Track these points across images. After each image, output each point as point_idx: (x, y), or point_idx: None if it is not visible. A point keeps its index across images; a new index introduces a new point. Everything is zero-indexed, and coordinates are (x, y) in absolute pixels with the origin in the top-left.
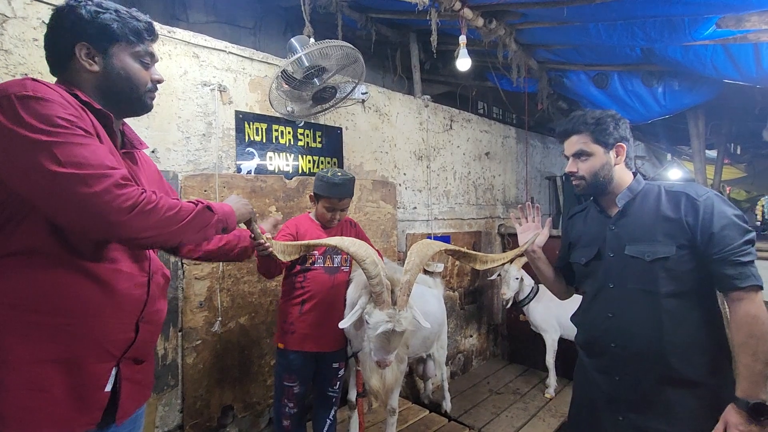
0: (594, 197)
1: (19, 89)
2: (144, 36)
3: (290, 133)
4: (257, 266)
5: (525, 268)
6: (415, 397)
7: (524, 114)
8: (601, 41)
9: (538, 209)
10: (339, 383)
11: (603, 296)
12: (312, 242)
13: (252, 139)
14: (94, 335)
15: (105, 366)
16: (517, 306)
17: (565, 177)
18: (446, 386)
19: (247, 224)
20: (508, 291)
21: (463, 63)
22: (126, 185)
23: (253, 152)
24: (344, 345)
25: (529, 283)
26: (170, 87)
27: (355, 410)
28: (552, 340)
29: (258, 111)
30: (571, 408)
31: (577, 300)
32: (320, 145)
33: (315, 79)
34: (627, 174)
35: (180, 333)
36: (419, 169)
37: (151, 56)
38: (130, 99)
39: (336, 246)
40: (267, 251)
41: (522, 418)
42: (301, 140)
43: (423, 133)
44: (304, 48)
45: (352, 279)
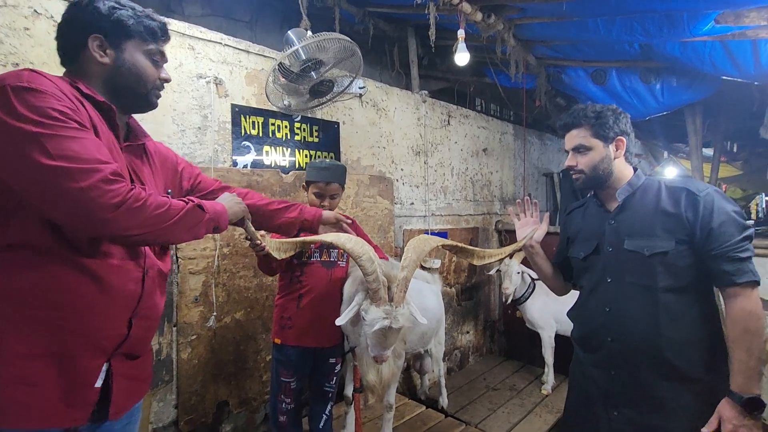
0: (594, 191)
1: (15, 80)
2: (158, 35)
3: (287, 128)
4: (258, 264)
5: (522, 264)
6: (412, 393)
7: (522, 110)
8: (600, 37)
9: (536, 205)
10: (336, 378)
11: (600, 291)
12: (308, 239)
13: (248, 133)
14: (85, 330)
15: (95, 362)
16: (515, 303)
17: (563, 174)
18: (443, 382)
19: (240, 223)
20: (510, 285)
21: (462, 57)
22: (115, 181)
23: (250, 146)
24: (341, 340)
25: (527, 280)
26: None
27: (352, 406)
28: (549, 337)
29: (254, 104)
30: (567, 403)
31: (573, 296)
32: (317, 140)
33: (312, 73)
34: (627, 168)
35: (175, 328)
36: (417, 165)
37: (162, 55)
38: (137, 94)
39: (332, 243)
40: (264, 251)
41: (518, 414)
42: (298, 134)
43: (420, 129)
44: (301, 40)
45: (349, 275)
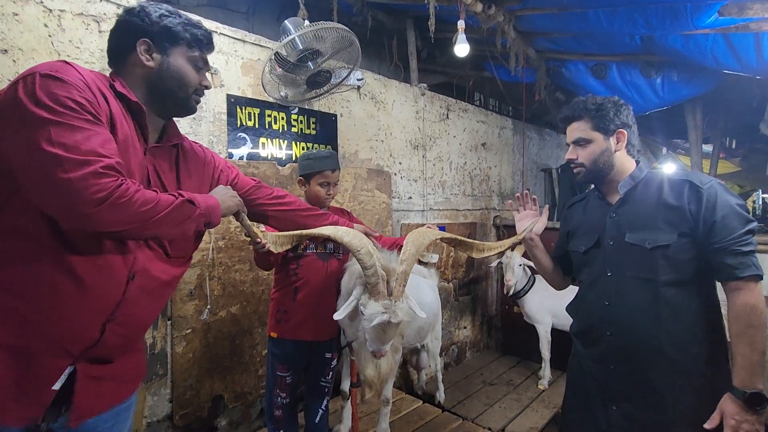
0: (595, 185)
1: (46, 69)
2: (203, 44)
3: (284, 119)
4: (255, 259)
5: (523, 258)
6: (409, 388)
7: (521, 105)
8: (602, 29)
9: (535, 200)
10: (332, 373)
11: (600, 284)
12: (305, 232)
13: (244, 125)
14: (52, 328)
15: (56, 362)
16: (514, 296)
17: (561, 169)
18: (440, 377)
19: (236, 217)
20: (513, 277)
21: (462, 49)
22: (104, 175)
23: (246, 138)
24: (338, 334)
25: (528, 273)
26: None
27: (348, 400)
28: (545, 332)
29: (250, 95)
30: (565, 398)
31: (572, 291)
32: (314, 132)
33: (309, 63)
34: (629, 161)
35: (169, 322)
36: (415, 159)
37: (205, 63)
38: (178, 98)
39: (329, 236)
40: (264, 248)
41: (515, 409)
42: (295, 126)
43: (419, 122)
44: (298, 29)
45: (346, 268)
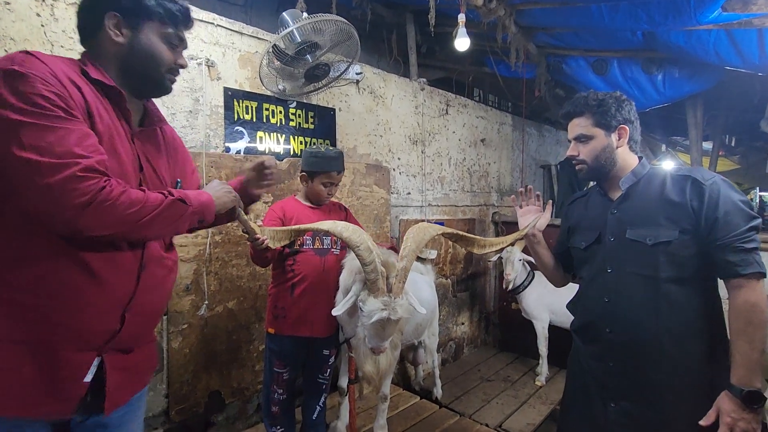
0: (597, 181)
1: (7, 63)
2: (178, 20)
3: (281, 113)
4: (251, 257)
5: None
6: (406, 384)
7: (521, 101)
8: (604, 24)
9: (539, 196)
10: (329, 370)
11: (600, 281)
12: (303, 227)
13: (242, 118)
14: (72, 322)
15: (82, 356)
16: (513, 292)
17: (560, 166)
18: (437, 373)
19: (231, 213)
20: (513, 272)
21: (462, 43)
22: (84, 178)
23: (243, 132)
24: (336, 330)
25: (527, 269)
26: None
27: (346, 396)
28: (543, 328)
29: (248, 88)
30: (565, 395)
31: (571, 288)
32: (312, 126)
33: (307, 56)
34: (631, 157)
35: (165, 317)
36: (414, 154)
37: (181, 41)
38: (151, 78)
39: (328, 231)
40: (263, 245)
41: (512, 405)
42: (293, 120)
43: (418, 117)
44: (296, 21)
45: (344, 264)
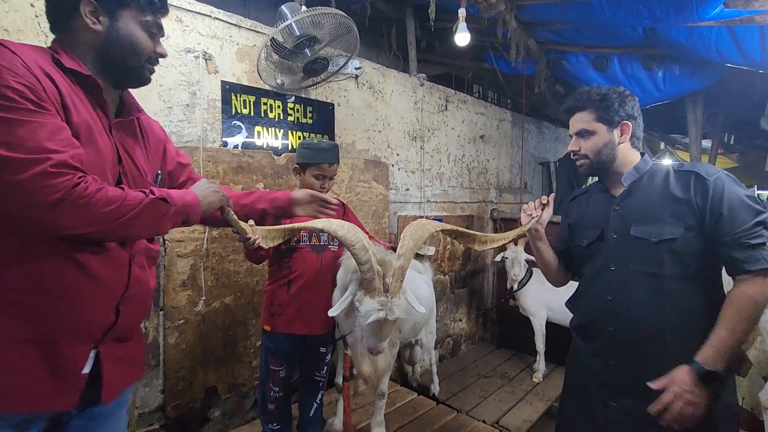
0: (599, 177)
1: None
2: (156, 6)
3: (280, 108)
4: (245, 253)
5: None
6: (403, 380)
7: (520, 98)
8: (604, 20)
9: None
10: (326, 368)
11: (603, 279)
12: (297, 225)
13: (239, 112)
14: (70, 317)
15: (81, 348)
16: (512, 290)
17: (559, 163)
18: (435, 370)
19: (221, 212)
20: (520, 272)
21: (462, 38)
22: (57, 174)
23: (241, 126)
24: (332, 328)
25: (525, 266)
26: None
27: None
28: (540, 325)
29: (246, 82)
30: (563, 393)
31: (569, 285)
32: (311, 121)
33: (306, 50)
34: (633, 153)
35: (162, 312)
36: (413, 150)
37: (159, 28)
38: (129, 67)
39: (323, 229)
40: (254, 244)
41: (509, 402)
42: (291, 115)
43: (417, 113)
44: (295, 15)
45: (341, 263)
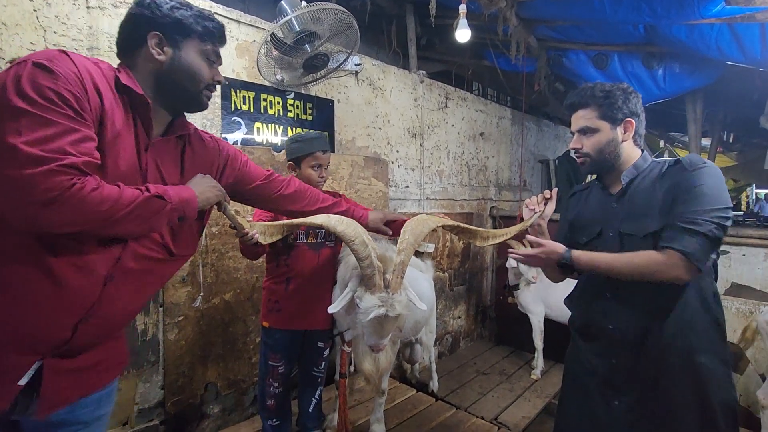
0: (599, 175)
1: (41, 57)
2: (215, 37)
3: (279, 104)
4: (241, 249)
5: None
6: (402, 376)
7: (520, 95)
8: (605, 17)
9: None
10: (324, 363)
11: (600, 277)
12: (295, 221)
13: (239, 108)
14: (20, 325)
15: (22, 358)
16: (512, 288)
17: (559, 161)
18: (434, 367)
19: (218, 207)
20: (537, 274)
21: (463, 34)
22: (59, 173)
23: (240, 122)
24: (331, 324)
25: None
26: None
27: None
28: (538, 321)
29: (245, 78)
30: (562, 393)
31: (567, 282)
32: (311, 118)
33: (306, 45)
34: (635, 151)
35: (161, 308)
36: (412, 147)
37: (218, 56)
38: (189, 93)
39: (322, 225)
40: (252, 240)
41: (508, 399)
42: (291, 111)
43: (417, 110)
44: (295, 10)
45: (341, 259)
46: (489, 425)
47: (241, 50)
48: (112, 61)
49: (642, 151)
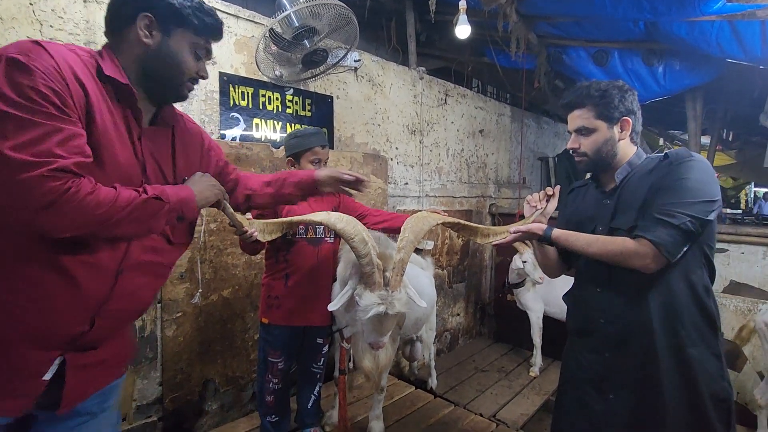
0: (595, 173)
1: (15, 52)
2: (210, 33)
3: (278, 100)
4: (240, 246)
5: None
6: (400, 374)
7: (520, 92)
8: (606, 13)
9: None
10: (323, 359)
11: (592, 271)
12: (295, 219)
13: (237, 104)
14: (37, 323)
15: (46, 354)
16: (513, 286)
17: (558, 158)
18: (433, 364)
19: (217, 206)
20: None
21: (462, 30)
22: (53, 178)
23: (239, 118)
24: (330, 320)
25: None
26: None
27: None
28: (537, 318)
29: (244, 74)
30: (559, 388)
31: (565, 279)
32: (310, 114)
33: (305, 41)
34: (631, 148)
35: (159, 305)
36: (412, 144)
37: (208, 53)
38: (170, 84)
39: (321, 222)
40: (251, 238)
41: (506, 396)
42: (290, 107)
43: (417, 107)
44: (294, 5)
45: (341, 256)
46: (487, 422)
47: (240, 45)
48: None
49: (637, 148)
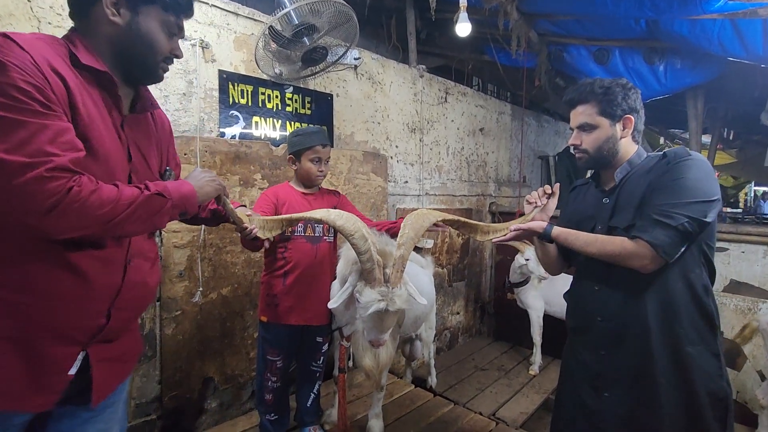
0: (595, 171)
1: None
2: (181, 8)
3: (278, 98)
4: (241, 242)
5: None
6: (399, 372)
7: (520, 90)
8: (607, 11)
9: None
10: (323, 358)
11: (590, 270)
12: (295, 216)
13: (237, 102)
14: (56, 319)
15: (67, 350)
16: (514, 285)
17: (558, 157)
18: (432, 362)
19: (217, 201)
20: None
21: (463, 28)
22: (53, 178)
23: (238, 116)
24: (329, 318)
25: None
26: None
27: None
28: (537, 317)
29: (243, 71)
30: (559, 386)
31: (565, 278)
32: (309, 112)
33: (305, 38)
34: (632, 147)
35: (158, 303)
36: (412, 142)
37: (180, 29)
38: (144, 64)
39: (321, 219)
40: (251, 235)
41: (506, 394)
42: (290, 105)
43: (417, 105)
44: (293, 2)
45: (341, 255)
46: (487, 421)
47: (239, 43)
48: None
49: (638, 147)
